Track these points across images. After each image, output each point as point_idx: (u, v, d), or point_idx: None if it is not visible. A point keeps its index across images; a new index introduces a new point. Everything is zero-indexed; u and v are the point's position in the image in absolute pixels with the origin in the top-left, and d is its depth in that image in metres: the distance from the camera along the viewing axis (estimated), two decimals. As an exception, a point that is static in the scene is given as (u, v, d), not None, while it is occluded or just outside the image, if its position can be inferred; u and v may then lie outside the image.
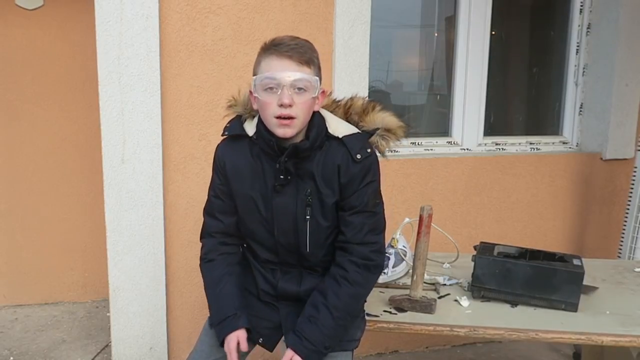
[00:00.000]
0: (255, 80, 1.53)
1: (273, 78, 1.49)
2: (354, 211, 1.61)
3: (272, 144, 1.55)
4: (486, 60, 3.33)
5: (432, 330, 1.79)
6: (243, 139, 1.65)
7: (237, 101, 1.71)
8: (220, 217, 1.71)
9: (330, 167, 1.59)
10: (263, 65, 1.53)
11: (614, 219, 3.54)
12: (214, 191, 1.71)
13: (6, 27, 3.48)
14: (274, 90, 1.49)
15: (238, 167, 1.65)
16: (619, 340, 1.73)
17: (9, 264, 3.68)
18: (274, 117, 1.50)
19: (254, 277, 1.75)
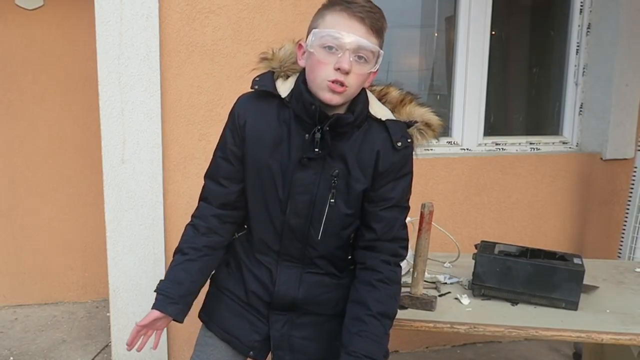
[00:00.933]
0: (315, 33, 1.35)
1: (338, 37, 1.32)
2: (387, 205, 1.50)
3: (313, 109, 1.38)
4: (486, 60, 3.33)
5: (432, 327, 1.78)
6: (271, 99, 1.46)
7: (274, 55, 1.50)
8: (225, 182, 1.52)
9: (369, 150, 1.45)
10: (328, 20, 1.35)
11: (614, 219, 3.54)
12: (223, 152, 1.51)
13: (6, 27, 3.48)
14: (333, 51, 1.33)
15: (260, 129, 1.46)
16: (619, 339, 1.73)
17: (9, 264, 3.68)
18: (326, 80, 1.34)
19: (243, 278, 1.57)
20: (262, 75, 1.49)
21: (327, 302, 1.57)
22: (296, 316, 1.56)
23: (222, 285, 1.63)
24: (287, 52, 1.49)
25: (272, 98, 1.46)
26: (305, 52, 1.41)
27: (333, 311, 1.58)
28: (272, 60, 1.50)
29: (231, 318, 1.59)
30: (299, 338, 1.57)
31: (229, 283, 1.61)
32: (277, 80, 1.48)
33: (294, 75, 1.48)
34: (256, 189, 1.49)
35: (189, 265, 1.53)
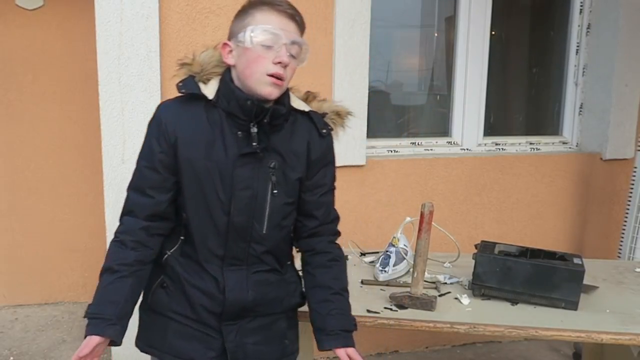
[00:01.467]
0: (252, 30, 1.38)
1: (275, 33, 1.38)
2: (323, 191, 1.59)
3: (249, 104, 1.41)
4: (486, 60, 3.33)
5: (432, 327, 1.78)
6: (197, 102, 1.46)
7: (194, 60, 1.51)
8: (152, 192, 1.46)
9: (300, 141, 1.53)
10: (260, 18, 1.39)
11: (614, 219, 3.54)
12: (149, 161, 1.46)
13: (6, 27, 3.48)
14: (269, 47, 1.38)
15: (192, 133, 1.45)
16: (619, 338, 1.73)
17: (9, 264, 3.68)
18: (266, 74, 1.38)
19: (187, 295, 1.51)
20: (185, 80, 1.48)
21: (275, 301, 1.58)
22: (246, 322, 1.55)
23: (164, 308, 1.54)
24: (207, 56, 1.51)
25: (197, 101, 1.46)
26: (233, 50, 1.44)
27: (281, 309, 1.61)
28: (192, 65, 1.51)
29: (181, 341, 1.53)
30: (252, 344, 1.56)
31: (172, 304, 1.53)
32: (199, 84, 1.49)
33: (215, 78, 1.49)
34: (196, 194, 1.47)
35: (121, 284, 1.44)
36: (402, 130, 3.50)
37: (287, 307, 1.63)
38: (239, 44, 1.41)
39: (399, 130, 3.49)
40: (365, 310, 1.86)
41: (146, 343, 1.58)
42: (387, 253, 2.21)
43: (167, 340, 1.53)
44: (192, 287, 1.50)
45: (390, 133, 3.40)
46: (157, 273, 1.53)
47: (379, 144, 3.22)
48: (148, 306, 1.57)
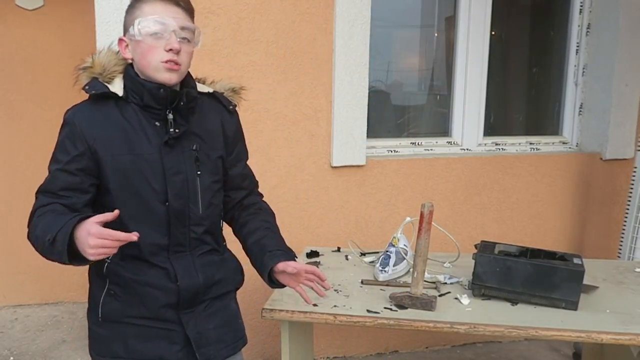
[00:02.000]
0: (140, 22, 1.42)
1: (162, 22, 1.42)
2: (243, 162, 1.70)
3: (162, 92, 1.44)
4: (486, 60, 3.33)
5: (432, 327, 1.78)
6: (106, 102, 1.47)
7: (94, 62, 1.51)
8: (65, 193, 1.44)
9: (213, 120, 1.59)
10: (146, 10, 1.43)
11: (614, 219, 3.54)
12: (63, 164, 1.44)
13: (6, 27, 3.48)
14: (159, 36, 1.42)
15: (108, 131, 1.45)
16: (619, 339, 1.73)
17: (9, 264, 3.68)
18: (161, 62, 1.42)
19: (140, 296, 1.50)
20: (90, 83, 1.49)
21: (223, 281, 1.62)
22: (203, 308, 1.57)
23: (118, 316, 1.52)
24: (105, 56, 1.52)
25: (106, 101, 1.47)
26: (129, 44, 1.48)
27: (229, 288, 1.66)
28: (93, 67, 1.51)
29: (145, 343, 1.52)
30: (213, 328, 1.59)
31: (126, 310, 1.51)
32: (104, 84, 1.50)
33: (118, 76, 1.51)
34: (126, 191, 1.46)
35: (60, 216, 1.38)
36: (402, 130, 3.50)
37: (235, 286, 1.69)
38: (132, 38, 1.45)
39: (399, 130, 3.49)
40: (365, 310, 1.86)
41: (108, 355, 1.55)
42: (387, 253, 2.21)
43: (130, 347, 1.52)
44: (143, 286, 1.49)
45: (390, 133, 3.40)
46: (101, 284, 1.52)
47: (379, 144, 3.22)
48: (100, 318, 1.54)
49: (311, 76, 2.90)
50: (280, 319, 1.87)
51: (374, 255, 2.45)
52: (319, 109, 2.93)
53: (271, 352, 3.10)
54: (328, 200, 3.02)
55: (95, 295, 1.55)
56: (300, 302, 1.90)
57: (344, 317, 1.83)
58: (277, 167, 2.92)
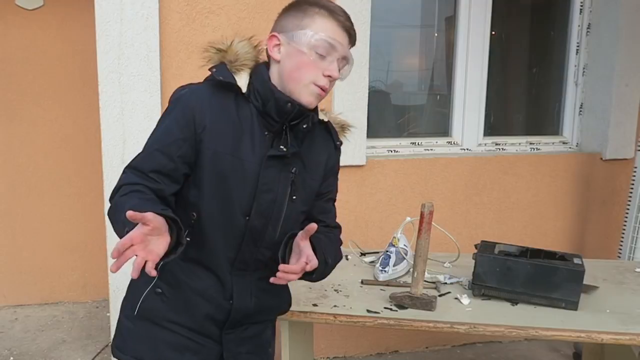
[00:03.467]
0: (313, 35, 1.32)
1: (334, 45, 1.34)
2: (330, 196, 1.57)
3: (289, 107, 1.35)
4: (486, 60, 3.33)
5: (432, 327, 1.78)
6: (226, 92, 1.36)
7: (230, 47, 1.40)
8: (155, 176, 1.31)
9: (320, 150, 1.50)
10: (319, 23, 1.34)
11: (614, 219, 3.54)
12: (163, 145, 1.32)
13: (6, 27, 3.48)
14: (323, 56, 1.34)
15: (220, 124, 1.34)
16: (619, 339, 1.73)
17: (9, 264, 3.68)
18: (313, 84, 1.35)
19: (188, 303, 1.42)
20: (219, 67, 1.37)
21: (272, 308, 1.57)
22: (242, 330, 1.50)
23: (157, 317, 1.42)
24: (243, 46, 1.40)
25: (226, 92, 1.36)
26: (282, 45, 1.36)
27: (273, 316, 1.61)
28: (227, 52, 1.39)
29: (174, 353, 1.43)
30: (245, 353, 1.51)
31: (169, 313, 1.42)
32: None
33: (245, 70, 1.40)
34: (217, 191, 1.35)
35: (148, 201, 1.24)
36: (402, 130, 3.50)
37: (278, 314, 1.64)
38: (292, 43, 1.34)
39: (399, 130, 3.49)
40: (365, 310, 1.86)
41: (132, 354, 1.45)
42: (387, 253, 2.21)
43: (158, 352, 1.43)
44: (196, 294, 1.41)
45: (390, 133, 3.40)
46: (148, 278, 1.24)
47: (379, 144, 3.22)
48: (136, 314, 1.44)
49: (311, 76, 2.90)
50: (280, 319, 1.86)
51: (374, 255, 2.45)
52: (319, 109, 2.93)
53: (271, 352, 3.10)
54: (328, 200, 3.02)
55: (137, 287, 1.44)
56: (301, 302, 1.91)
57: (344, 317, 1.83)
58: (277, 167, 2.92)
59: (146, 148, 1.34)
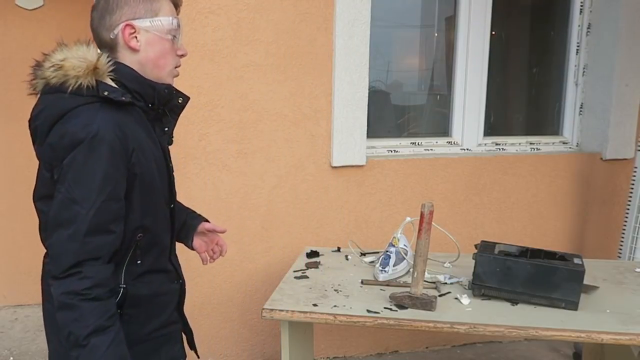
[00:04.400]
0: (170, 20, 1.36)
1: (181, 26, 1.40)
2: None
3: (167, 92, 1.38)
4: (486, 60, 3.33)
5: (432, 327, 1.78)
6: (116, 107, 1.28)
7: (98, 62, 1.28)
8: (115, 227, 1.27)
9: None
10: (166, 7, 1.36)
11: (614, 219, 3.54)
12: (107, 192, 1.24)
13: (6, 27, 3.48)
14: (175, 37, 1.39)
15: (137, 141, 1.31)
16: (619, 339, 1.73)
17: (9, 264, 3.68)
18: (174, 66, 1.41)
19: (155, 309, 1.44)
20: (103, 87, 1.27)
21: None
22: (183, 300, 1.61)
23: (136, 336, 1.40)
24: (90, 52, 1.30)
25: (116, 107, 1.28)
26: (139, 34, 1.33)
27: None
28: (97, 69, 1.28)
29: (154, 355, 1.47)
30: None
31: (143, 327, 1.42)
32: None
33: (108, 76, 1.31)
34: (150, 201, 1.37)
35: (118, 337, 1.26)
36: (402, 130, 3.50)
37: None
38: (151, 31, 1.34)
39: (399, 130, 3.49)
40: (365, 310, 1.86)
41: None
42: (387, 253, 2.21)
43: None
44: (158, 296, 1.44)
45: (390, 133, 3.40)
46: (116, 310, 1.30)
47: (379, 144, 3.22)
48: None
49: (311, 76, 2.90)
50: (280, 319, 1.86)
51: (374, 255, 2.45)
52: (319, 109, 2.93)
53: (271, 352, 3.10)
54: (328, 200, 3.02)
55: None
56: (301, 302, 1.91)
57: (344, 317, 1.83)
58: (277, 167, 2.92)
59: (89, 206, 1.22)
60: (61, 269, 1.21)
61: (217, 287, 2.93)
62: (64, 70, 1.27)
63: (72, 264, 1.21)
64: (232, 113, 2.82)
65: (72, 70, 1.26)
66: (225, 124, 2.82)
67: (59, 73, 1.27)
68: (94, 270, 1.22)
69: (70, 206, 1.22)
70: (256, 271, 2.99)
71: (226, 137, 2.83)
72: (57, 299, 1.21)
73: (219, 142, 2.82)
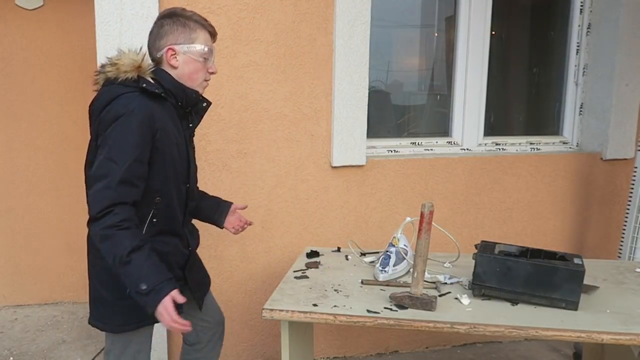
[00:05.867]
0: (202, 48, 1.84)
1: (212, 51, 1.89)
2: None
3: (195, 97, 1.88)
4: (486, 60, 3.33)
5: (432, 327, 1.78)
6: (153, 97, 1.75)
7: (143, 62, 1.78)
8: (138, 182, 1.69)
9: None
10: (202, 37, 1.84)
11: (614, 219, 3.54)
12: (136, 155, 1.67)
13: (6, 27, 3.48)
14: (207, 59, 1.87)
15: (164, 124, 1.75)
16: (619, 339, 1.73)
17: (9, 264, 3.68)
18: (204, 80, 1.90)
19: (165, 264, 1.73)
20: (144, 81, 1.75)
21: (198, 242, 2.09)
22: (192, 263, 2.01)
23: None
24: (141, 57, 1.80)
25: (153, 97, 1.75)
26: (178, 55, 1.82)
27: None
28: (140, 67, 1.77)
29: None
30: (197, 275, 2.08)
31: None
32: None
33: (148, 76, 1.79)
34: (170, 175, 1.80)
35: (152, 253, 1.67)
36: (402, 130, 3.50)
37: None
38: (187, 54, 1.82)
39: (399, 130, 3.49)
40: (365, 310, 1.86)
41: (133, 321, 1.82)
42: (387, 253, 2.21)
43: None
44: (168, 255, 1.83)
45: (390, 133, 3.40)
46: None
47: (379, 144, 3.22)
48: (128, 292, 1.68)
49: (311, 76, 2.90)
50: (280, 319, 1.86)
51: (374, 255, 2.45)
52: (319, 108, 2.93)
53: (271, 352, 3.10)
54: (328, 200, 3.02)
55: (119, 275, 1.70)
56: (301, 302, 1.91)
57: (344, 317, 1.83)
58: (277, 167, 2.92)
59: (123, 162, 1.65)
60: (98, 209, 1.62)
61: (217, 287, 2.93)
62: (118, 67, 1.75)
63: (107, 205, 1.62)
64: (232, 113, 2.82)
65: (123, 67, 1.74)
66: (225, 124, 2.82)
67: (114, 69, 1.76)
68: (123, 210, 1.64)
69: (108, 163, 1.64)
70: (256, 271, 2.99)
71: (226, 137, 2.83)
72: (99, 234, 1.62)
73: (219, 142, 2.83)
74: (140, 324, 1.83)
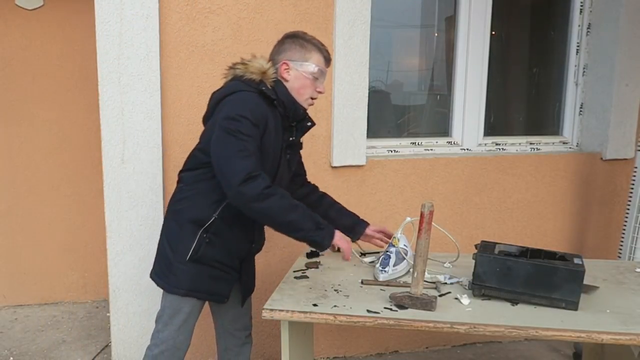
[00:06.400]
0: (314, 67, 2.04)
1: (324, 73, 2.08)
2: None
3: (302, 112, 2.08)
4: (486, 60, 3.34)
5: (432, 327, 1.78)
6: (265, 100, 1.97)
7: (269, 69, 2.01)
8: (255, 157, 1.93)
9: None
10: (316, 59, 2.05)
11: (614, 219, 3.54)
12: (253, 145, 1.89)
13: (6, 27, 3.48)
14: (317, 79, 2.06)
15: (270, 123, 1.97)
16: (619, 339, 1.73)
17: (9, 264, 3.68)
18: (310, 98, 2.08)
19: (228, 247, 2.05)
20: (262, 85, 1.99)
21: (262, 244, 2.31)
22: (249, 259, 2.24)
23: (209, 259, 2.02)
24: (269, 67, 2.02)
25: (265, 100, 1.98)
26: (291, 70, 2.04)
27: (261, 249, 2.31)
28: (265, 74, 2.01)
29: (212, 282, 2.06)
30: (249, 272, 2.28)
31: (216, 255, 2.04)
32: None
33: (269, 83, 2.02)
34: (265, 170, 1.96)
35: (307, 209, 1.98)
36: (402, 130, 3.50)
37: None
38: (300, 70, 2.03)
39: (399, 130, 3.49)
40: (365, 310, 1.86)
41: (185, 287, 2.02)
42: (387, 253, 2.21)
43: (205, 283, 2.04)
44: (234, 241, 2.06)
45: (390, 133, 3.40)
46: (195, 231, 1.99)
47: (379, 144, 3.22)
48: (188, 259, 1.99)
49: (311, 76, 2.90)
50: (280, 319, 1.86)
51: (374, 255, 2.45)
52: (319, 109, 2.93)
53: (271, 352, 3.10)
54: (328, 200, 3.02)
55: (187, 239, 2.00)
56: (301, 302, 1.91)
57: (344, 317, 1.83)
58: (277, 167, 2.92)
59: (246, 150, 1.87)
60: (241, 177, 1.83)
61: (217, 287, 2.93)
62: (247, 67, 2.00)
63: (250, 171, 1.84)
64: (232, 113, 2.82)
65: (251, 68, 1.99)
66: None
67: (243, 67, 2.01)
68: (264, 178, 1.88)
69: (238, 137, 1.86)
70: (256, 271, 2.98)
71: (226, 137, 2.83)
72: (259, 193, 1.85)
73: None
74: (188, 294, 2.02)
